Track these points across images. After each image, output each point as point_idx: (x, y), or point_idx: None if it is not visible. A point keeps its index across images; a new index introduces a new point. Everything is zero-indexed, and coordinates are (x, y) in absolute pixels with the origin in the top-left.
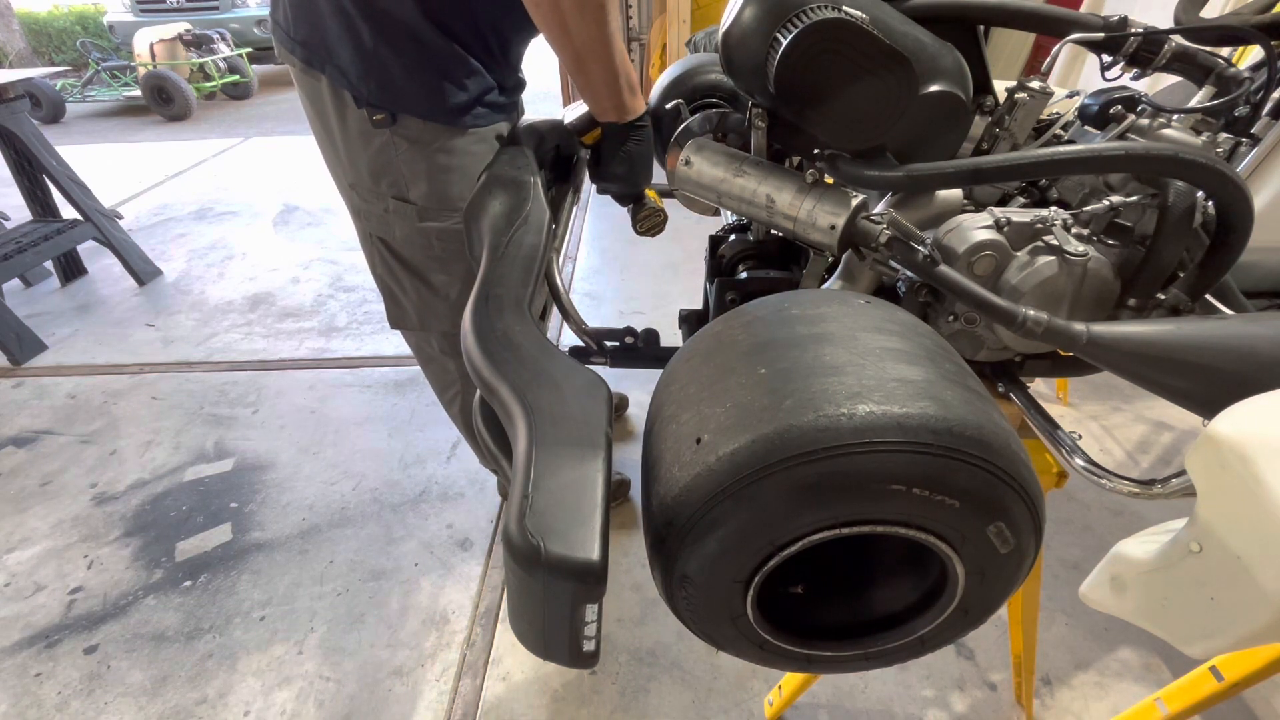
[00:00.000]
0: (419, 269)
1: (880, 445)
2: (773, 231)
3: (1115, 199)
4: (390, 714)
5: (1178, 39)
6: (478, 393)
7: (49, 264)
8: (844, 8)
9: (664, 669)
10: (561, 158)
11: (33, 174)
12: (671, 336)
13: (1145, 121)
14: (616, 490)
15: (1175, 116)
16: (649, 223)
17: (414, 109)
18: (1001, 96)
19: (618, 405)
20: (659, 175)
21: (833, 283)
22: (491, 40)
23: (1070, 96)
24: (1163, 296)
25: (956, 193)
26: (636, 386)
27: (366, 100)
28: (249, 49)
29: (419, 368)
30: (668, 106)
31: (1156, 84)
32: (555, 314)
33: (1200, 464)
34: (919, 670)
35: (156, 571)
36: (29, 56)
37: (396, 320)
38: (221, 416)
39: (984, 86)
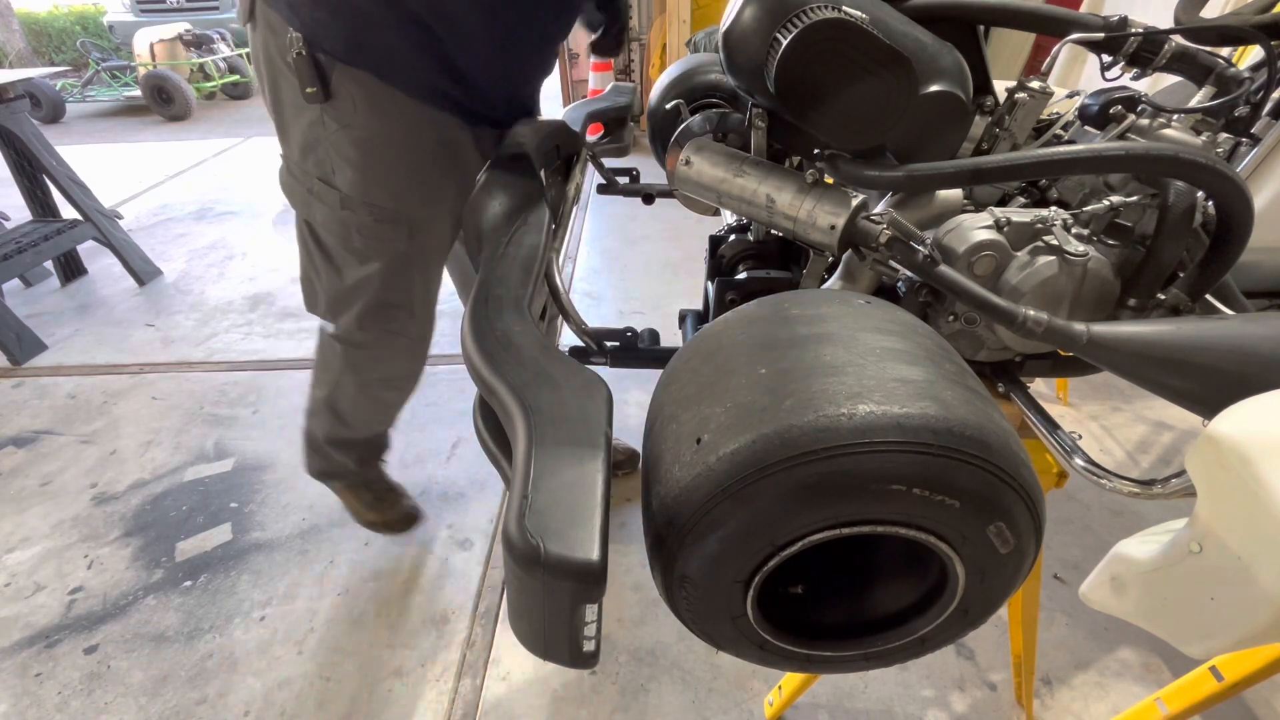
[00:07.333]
0: (335, 258)
1: (880, 445)
2: (773, 231)
3: (1115, 199)
4: (390, 714)
5: (1178, 39)
6: (477, 393)
7: (49, 264)
8: (844, 8)
9: (664, 669)
10: (562, 158)
11: (33, 174)
12: (671, 336)
13: (1145, 121)
14: (626, 461)
15: (1175, 116)
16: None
17: (367, 63)
18: (1001, 96)
19: (625, 461)
20: (659, 175)
21: (833, 283)
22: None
23: (1070, 96)
24: (1163, 296)
25: (956, 193)
26: (636, 386)
27: (309, 37)
28: (249, 49)
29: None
30: (668, 106)
31: (1157, 84)
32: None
33: (1200, 464)
34: (919, 670)
35: (156, 571)
36: (29, 56)
37: (310, 303)
38: (221, 416)
39: (984, 86)
